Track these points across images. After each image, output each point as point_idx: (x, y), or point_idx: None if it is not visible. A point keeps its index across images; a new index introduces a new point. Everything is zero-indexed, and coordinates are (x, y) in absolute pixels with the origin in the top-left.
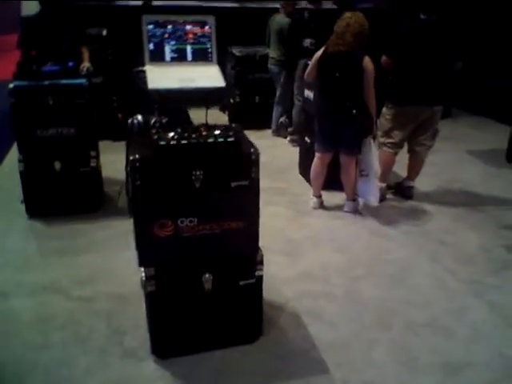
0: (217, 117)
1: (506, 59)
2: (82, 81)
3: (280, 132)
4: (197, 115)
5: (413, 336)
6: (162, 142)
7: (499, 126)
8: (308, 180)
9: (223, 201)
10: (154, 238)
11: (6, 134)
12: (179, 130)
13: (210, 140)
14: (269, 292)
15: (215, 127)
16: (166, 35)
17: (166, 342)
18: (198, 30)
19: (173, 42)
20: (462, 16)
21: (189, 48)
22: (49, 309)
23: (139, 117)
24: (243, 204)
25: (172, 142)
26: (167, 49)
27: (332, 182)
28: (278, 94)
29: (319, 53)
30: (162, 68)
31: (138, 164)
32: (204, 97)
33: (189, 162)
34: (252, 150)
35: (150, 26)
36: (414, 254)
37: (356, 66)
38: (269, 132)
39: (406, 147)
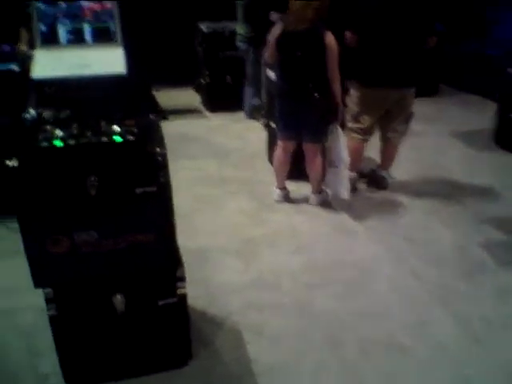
0: (191, 97)
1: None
2: (12, 66)
3: (253, 115)
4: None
5: (365, 358)
6: (44, 144)
7: (487, 104)
8: None
9: (127, 210)
10: (48, 255)
11: None
12: (75, 126)
13: (104, 139)
14: (213, 304)
15: (122, 121)
16: (59, 14)
17: (79, 369)
18: (96, 6)
19: (67, 22)
20: None
21: (87, 27)
22: None
23: (32, 111)
24: (152, 213)
25: (56, 143)
26: (62, 30)
27: (301, 171)
28: (247, 73)
29: (277, 32)
30: (54, 53)
31: (15, 171)
32: (99, 86)
33: (79, 167)
34: (158, 149)
35: (40, 5)
36: (379, 254)
37: (318, 43)
38: (242, 115)
39: None
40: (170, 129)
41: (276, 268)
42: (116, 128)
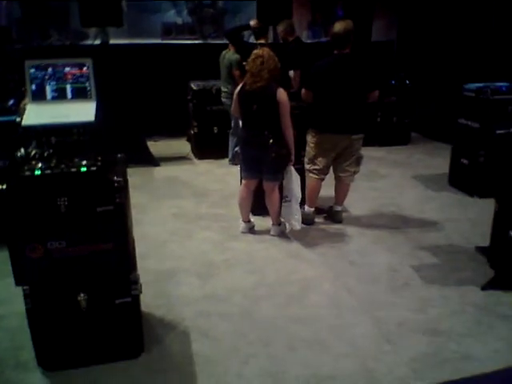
0: (183, 147)
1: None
2: (15, 117)
3: (235, 161)
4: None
5: (289, 350)
6: (27, 173)
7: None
8: None
9: (90, 224)
10: (26, 259)
11: None
12: (54, 161)
13: (73, 169)
14: (170, 312)
15: (91, 157)
16: (47, 77)
17: (50, 356)
18: (76, 71)
19: (53, 83)
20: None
21: (68, 87)
22: None
23: (22, 150)
24: (110, 227)
25: (36, 172)
26: (48, 89)
27: (265, 207)
28: (232, 125)
29: (238, 89)
30: (42, 106)
31: (3, 194)
32: (74, 130)
33: (52, 190)
34: (116, 177)
35: (32, 70)
36: (321, 274)
37: (271, 99)
38: (226, 161)
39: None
40: (161, 173)
41: (230, 285)
42: (83, 161)
